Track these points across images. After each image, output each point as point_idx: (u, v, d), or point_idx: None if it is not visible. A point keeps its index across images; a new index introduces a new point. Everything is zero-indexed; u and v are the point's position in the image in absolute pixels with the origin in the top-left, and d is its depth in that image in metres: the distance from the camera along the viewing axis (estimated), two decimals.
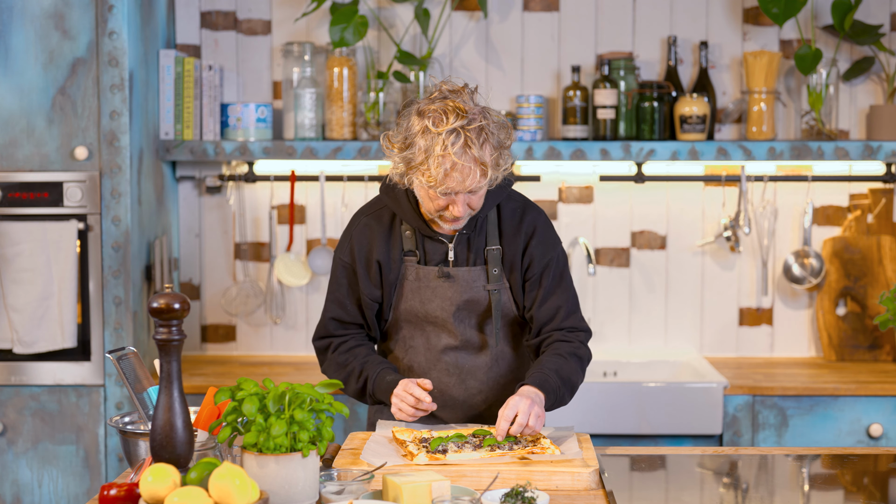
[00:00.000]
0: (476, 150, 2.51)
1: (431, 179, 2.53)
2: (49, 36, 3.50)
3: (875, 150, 3.88)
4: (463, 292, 2.71)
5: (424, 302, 2.72)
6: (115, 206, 3.56)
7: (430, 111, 2.55)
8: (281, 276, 4.08)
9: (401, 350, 2.79)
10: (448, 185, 2.53)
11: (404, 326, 2.77)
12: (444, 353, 2.75)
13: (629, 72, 4.03)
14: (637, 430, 3.60)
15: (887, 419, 3.62)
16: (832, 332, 4.07)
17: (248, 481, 1.90)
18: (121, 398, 3.59)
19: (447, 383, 2.75)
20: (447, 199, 2.57)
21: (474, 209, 2.63)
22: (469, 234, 2.72)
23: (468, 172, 2.53)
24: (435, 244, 2.73)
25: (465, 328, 2.74)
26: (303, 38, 4.11)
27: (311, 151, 3.89)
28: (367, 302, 2.75)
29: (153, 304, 2.00)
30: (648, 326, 4.15)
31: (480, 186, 2.57)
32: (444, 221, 2.64)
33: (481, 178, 2.54)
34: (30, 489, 3.60)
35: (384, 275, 2.74)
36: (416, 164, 2.55)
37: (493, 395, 2.78)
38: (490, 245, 2.73)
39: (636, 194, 4.12)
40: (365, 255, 2.74)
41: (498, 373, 2.77)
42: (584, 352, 2.74)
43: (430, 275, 2.71)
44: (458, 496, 2.09)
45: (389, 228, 2.74)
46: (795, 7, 3.84)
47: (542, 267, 2.74)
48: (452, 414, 2.77)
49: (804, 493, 2.43)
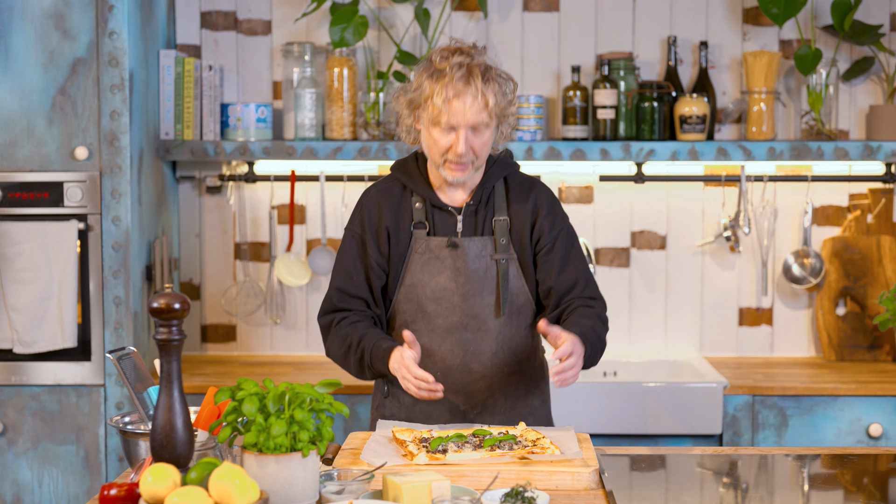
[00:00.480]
0: (479, 82, 2.61)
1: (435, 110, 2.62)
2: (49, 36, 3.50)
3: (875, 150, 3.88)
4: (471, 262, 2.74)
5: (433, 274, 2.74)
6: (115, 206, 3.56)
7: (437, 52, 2.67)
8: (281, 276, 4.08)
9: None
10: (451, 114, 2.61)
11: (409, 308, 2.77)
12: (450, 332, 2.75)
13: (629, 72, 4.03)
14: (637, 430, 3.60)
15: (887, 419, 3.62)
16: (832, 332, 4.07)
17: (248, 481, 1.90)
18: (121, 398, 3.59)
19: (451, 365, 2.76)
20: (451, 136, 2.64)
21: (478, 154, 2.67)
22: (476, 205, 2.77)
23: (471, 102, 2.61)
24: (444, 215, 2.77)
25: (472, 304, 2.75)
26: (303, 38, 4.11)
27: (311, 151, 3.89)
28: (376, 269, 2.77)
29: (153, 304, 2.00)
30: (648, 326, 4.15)
31: (483, 121, 2.64)
32: (450, 168, 2.68)
33: (483, 111, 2.62)
34: (30, 489, 3.60)
35: (392, 244, 2.77)
36: (420, 102, 2.64)
37: (496, 383, 2.78)
38: (498, 216, 2.76)
39: (636, 194, 4.12)
40: (375, 223, 2.78)
41: (503, 360, 2.78)
42: (606, 319, 2.78)
43: (439, 245, 2.74)
44: (458, 496, 2.09)
45: (399, 200, 2.79)
46: (795, 7, 3.84)
47: (554, 237, 2.77)
48: (453, 399, 2.77)
49: (804, 493, 2.43)
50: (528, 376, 2.84)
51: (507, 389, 2.80)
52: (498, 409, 2.80)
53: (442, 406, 2.78)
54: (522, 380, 2.82)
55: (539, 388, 2.87)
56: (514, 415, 2.82)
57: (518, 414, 2.82)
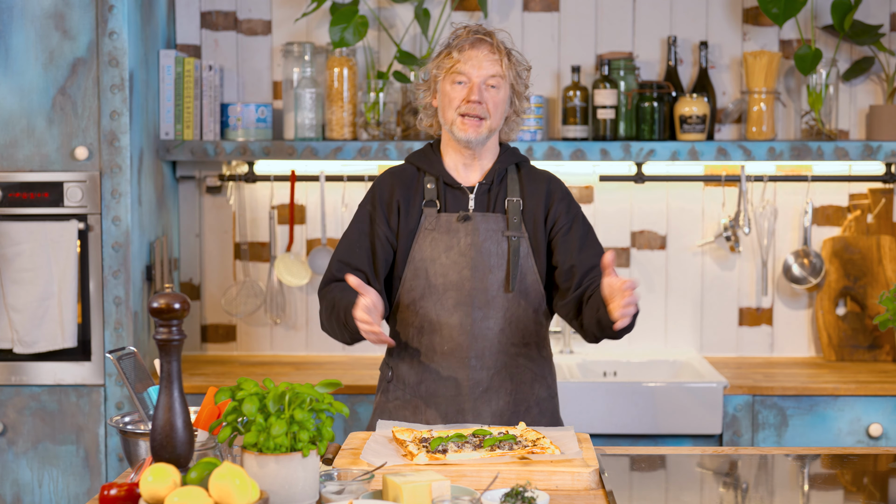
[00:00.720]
0: (496, 40, 2.75)
1: (451, 61, 2.74)
2: (49, 36, 3.50)
3: (875, 150, 3.88)
4: (482, 236, 2.77)
5: (443, 250, 2.77)
6: (115, 206, 3.56)
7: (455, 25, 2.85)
8: (281, 276, 4.08)
9: (411, 313, 2.80)
10: (465, 61, 2.73)
11: (417, 283, 2.79)
12: (457, 307, 2.77)
13: (629, 72, 4.03)
14: (637, 430, 3.60)
15: (887, 419, 3.62)
16: (832, 331, 4.07)
17: (248, 481, 1.90)
18: (121, 398, 3.59)
19: (458, 340, 2.77)
20: (465, 88, 2.73)
21: (490, 111, 2.75)
22: (489, 185, 2.82)
23: (485, 55, 2.73)
24: (456, 193, 2.82)
25: (481, 278, 2.77)
26: (303, 38, 4.11)
27: (311, 151, 3.89)
28: (383, 242, 2.80)
29: (153, 304, 2.00)
30: (648, 326, 4.15)
31: (497, 74, 2.74)
32: (463, 125, 2.75)
33: (497, 64, 2.73)
34: (30, 489, 3.60)
35: (402, 219, 2.80)
36: (438, 59, 2.77)
37: (501, 360, 2.79)
38: (511, 196, 2.81)
39: (636, 194, 4.12)
40: (386, 199, 2.83)
41: (509, 338, 2.79)
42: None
43: (450, 220, 2.79)
44: (458, 496, 2.09)
45: (412, 180, 2.85)
46: (795, 7, 3.84)
47: (571, 219, 2.80)
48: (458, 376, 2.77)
49: (804, 493, 2.43)
50: (535, 362, 2.84)
51: (513, 371, 2.80)
52: (504, 389, 2.79)
53: (448, 383, 2.78)
54: (528, 365, 2.83)
55: (546, 381, 2.87)
56: (520, 399, 2.81)
57: (523, 400, 2.82)
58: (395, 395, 2.84)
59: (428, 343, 2.77)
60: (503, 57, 2.74)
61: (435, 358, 2.78)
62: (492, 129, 2.78)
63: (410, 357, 2.81)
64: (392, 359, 2.86)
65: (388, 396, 2.86)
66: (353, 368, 3.90)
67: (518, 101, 2.82)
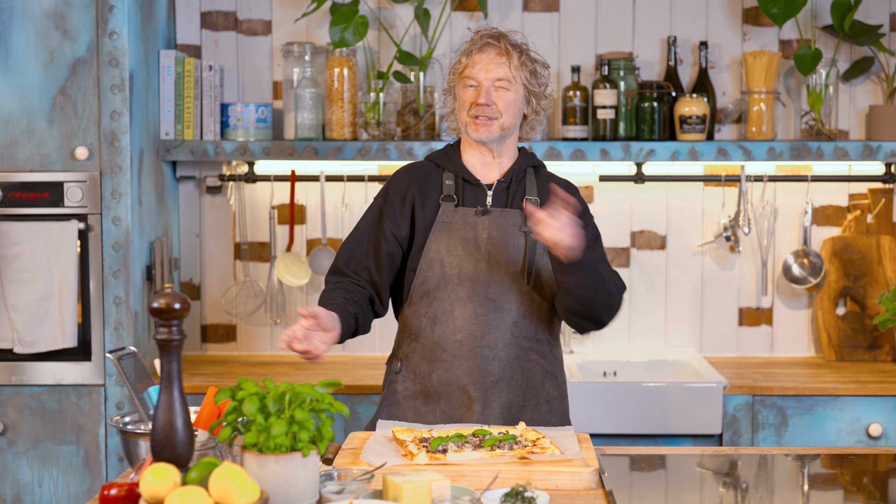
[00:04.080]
0: (506, 43, 2.79)
1: (461, 65, 2.81)
2: (49, 36, 3.50)
3: (874, 151, 3.88)
4: (499, 231, 2.80)
5: (459, 242, 2.79)
6: (115, 206, 3.56)
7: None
8: (281, 276, 4.08)
9: (426, 303, 2.81)
10: (473, 64, 2.79)
11: (432, 275, 2.80)
12: (471, 299, 2.79)
13: (629, 72, 4.03)
14: (637, 430, 3.61)
15: (887, 419, 3.62)
16: (832, 331, 4.07)
17: (249, 481, 1.90)
18: (121, 398, 3.59)
19: (472, 331, 2.78)
20: (475, 90, 2.79)
21: (501, 111, 2.79)
22: (508, 183, 2.86)
23: (492, 58, 2.78)
24: (474, 189, 2.85)
25: (497, 271, 2.79)
26: (303, 38, 4.11)
27: (311, 151, 3.89)
28: (389, 238, 2.83)
29: (153, 304, 2.00)
30: (648, 326, 4.15)
31: (505, 76, 2.77)
32: (475, 125, 2.80)
33: (505, 66, 2.78)
34: (30, 489, 3.60)
35: (417, 212, 2.84)
36: (454, 65, 2.85)
37: (513, 353, 2.79)
38: (528, 195, 2.86)
39: (636, 194, 4.12)
40: (401, 193, 2.87)
41: (522, 332, 2.81)
42: (621, 284, 2.86)
43: (468, 214, 2.82)
44: (458, 496, 2.09)
45: (430, 176, 2.89)
46: (795, 7, 3.84)
47: (585, 222, 2.80)
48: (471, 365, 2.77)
49: (804, 493, 2.43)
50: (546, 359, 2.85)
51: (524, 365, 2.82)
52: (515, 382, 2.80)
53: (459, 372, 2.79)
54: (540, 361, 2.84)
55: (557, 380, 2.88)
56: (529, 394, 2.82)
57: (533, 395, 2.82)
58: (403, 386, 2.85)
59: (441, 333, 2.80)
60: (511, 59, 2.78)
61: (448, 347, 2.79)
62: (504, 128, 2.82)
63: (423, 347, 2.83)
64: (402, 349, 2.88)
65: (395, 388, 2.87)
66: (353, 368, 3.91)
67: (536, 100, 2.86)
